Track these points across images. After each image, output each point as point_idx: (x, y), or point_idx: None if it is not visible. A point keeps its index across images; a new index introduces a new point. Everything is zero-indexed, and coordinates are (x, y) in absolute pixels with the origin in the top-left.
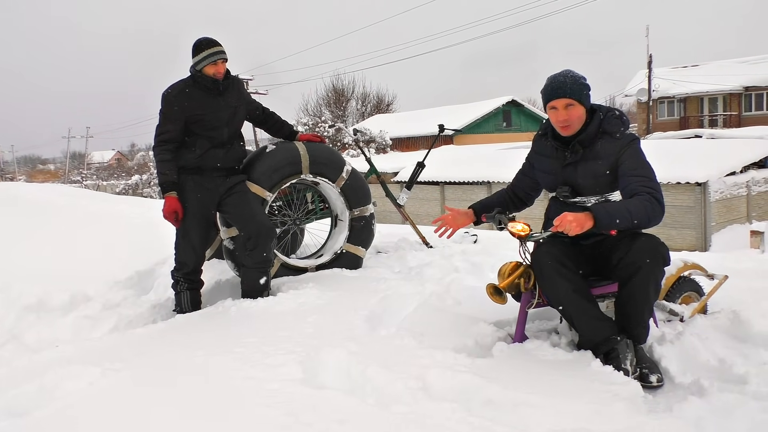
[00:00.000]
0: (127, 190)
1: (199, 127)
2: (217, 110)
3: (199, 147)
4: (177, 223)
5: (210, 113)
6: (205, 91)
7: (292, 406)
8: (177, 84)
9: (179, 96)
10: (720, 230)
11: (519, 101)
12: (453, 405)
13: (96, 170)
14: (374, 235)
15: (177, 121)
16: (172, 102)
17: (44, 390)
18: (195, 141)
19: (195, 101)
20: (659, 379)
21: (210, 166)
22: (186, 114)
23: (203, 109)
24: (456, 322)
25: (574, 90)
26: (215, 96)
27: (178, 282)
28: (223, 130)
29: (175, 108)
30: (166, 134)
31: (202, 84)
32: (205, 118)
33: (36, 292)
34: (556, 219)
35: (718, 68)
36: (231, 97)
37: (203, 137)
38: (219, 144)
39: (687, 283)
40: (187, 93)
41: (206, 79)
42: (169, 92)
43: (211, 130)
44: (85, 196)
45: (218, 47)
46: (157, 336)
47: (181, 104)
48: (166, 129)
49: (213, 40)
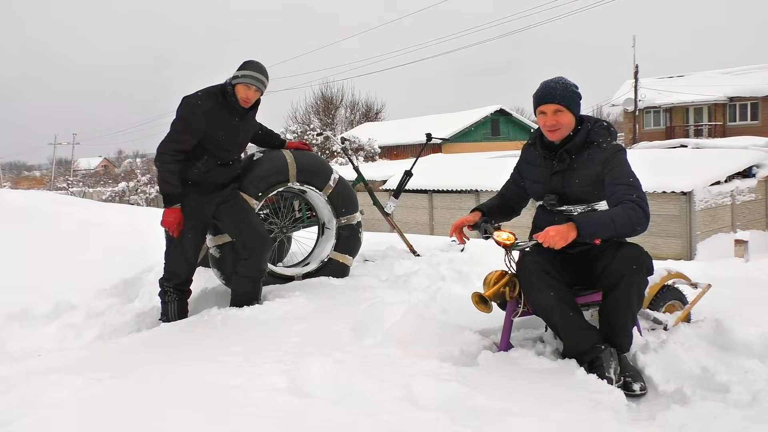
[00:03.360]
0: (114, 198)
1: (212, 145)
2: (235, 134)
3: (203, 164)
4: (178, 235)
5: (228, 136)
6: (229, 111)
7: (278, 416)
8: (207, 94)
9: (209, 112)
10: (705, 239)
11: (507, 110)
12: (438, 414)
13: (82, 177)
14: (361, 244)
15: (197, 135)
16: (199, 115)
17: (26, 399)
18: (201, 157)
19: (220, 120)
20: (642, 388)
21: (210, 182)
22: (207, 131)
23: (224, 131)
24: (442, 331)
25: (564, 97)
26: (237, 119)
27: (166, 292)
28: (233, 153)
29: (200, 122)
30: (182, 144)
31: (230, 103)
32: (221, 139)
33: (19, 300)
34: (539, 235)
35: (704, 79)
36: (249, 124)
37: (211, 155)
38: (224, 164)
39: (671, 292)
40: (216, 110)
41: (235, 101)
42: (199, 104)
43: (221, 151)
44: (71, 203)
45: (260, 75)
46: (141, 345)
47: (207, 120)
48: (184, 138)
49: (261, 67)
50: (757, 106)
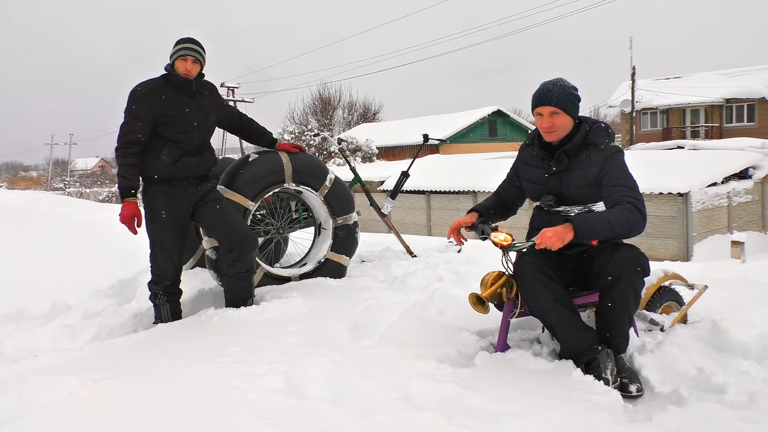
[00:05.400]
0: (111, 198)
1: (168, 129)
2: (189, 113)
3: (168, 154)
4: (135, 230)
5: (181, 115)
6: (176, 90)
7: (274, 417)
8: (147, 81)
9: (149, 93)
10: (701, 240)
11: (504, 111)
12: (435, 415)
13: (79, 177)
14: (358, 244)
15: (145, 121)
16: (141, 99)
17: (22, 400)
18: (163, 147)
19: (166, 100)
20: (639, 389)
21: (182, 175)
22: (155, 113)
23: (174, 110)
24: (439, 332)
25: (560, 99)
26: (187, 97)
27: (156, 295)
28: (194, 135)
29: (143, 105)
30: (133, 134)
31: (174, 82)
32: (175, 119)
33: (15, 301)
34: (536, 237)
35: (700, 80)
36: (204, 101)
37: (172, 143)
38: (190, 151)
39: (667, 293)
40: (158, 90)
41: (177, 77)
42: (138, 89)
43: (181, 134)
44: (67, 203)
45: (191, 44)
46: (137, 346)
47: (150, 102)
48: (133, 128)
49: (191, 38)
50: (754, 107)
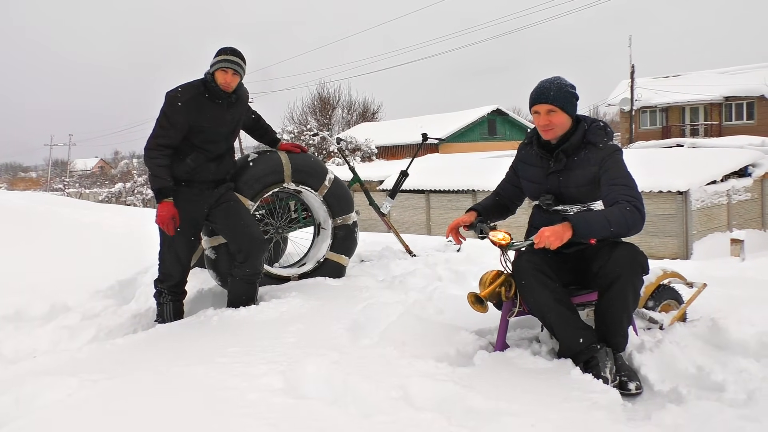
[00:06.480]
0: (110, 199)
1: (198, 138)
2: (221, 124)
3: (193, 160)
4: (172, 231)
5: (214, 126)
6: (214, 102)
7: (273, 417)
8: (187, 86)
9: (188, 103)
10: (701, 238)
11: (504, 110)
12: (434, 414)
13: (79, 178)
14: (357, 244)
15: (181, 129)
16: (179, 109)
17: (21, 401)
18: (189, 152)
19: (203, 112)
20: (638, 387)
21: (201, 179)
22: (190, 123)
23: (209, 122)
24: (438, 331)
25: (557, 97)
26: (224, 109)
27: (161, 293)
28: (221, 144)
29: (181, 115)
30: (167, 139)
31: (213, 93)
32: (208, 130)
33: (14, 302)
34: (535, 236)
35: (700, 78)
36: (237, 112)
37: (199, 149)
38: (215, 158)
39: (666, 291)
40: (197, 100)
41: (217, 88)
42: (179, 96)
43: (209, 143)
44: (67, 204)
45: (235, 57)
46: (137, 346)
47: (187, 112)
48: (168, 134)
49: (234, 50)
50: (753, 105)
